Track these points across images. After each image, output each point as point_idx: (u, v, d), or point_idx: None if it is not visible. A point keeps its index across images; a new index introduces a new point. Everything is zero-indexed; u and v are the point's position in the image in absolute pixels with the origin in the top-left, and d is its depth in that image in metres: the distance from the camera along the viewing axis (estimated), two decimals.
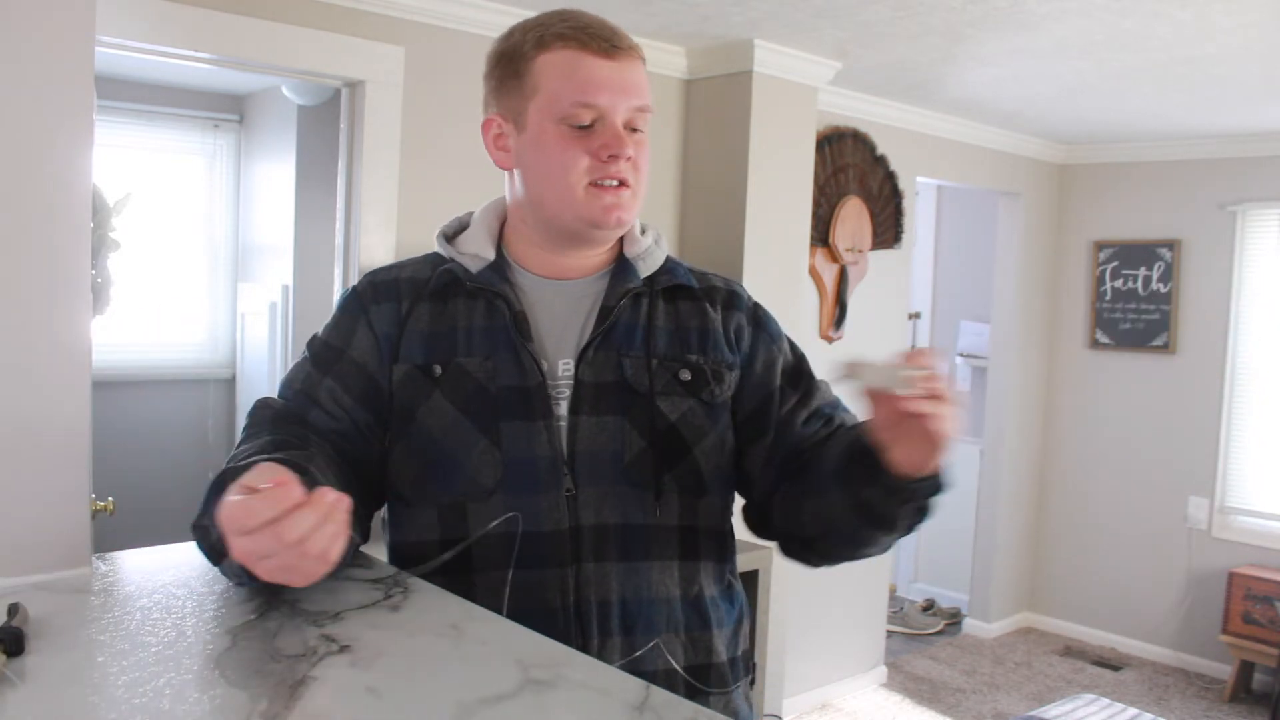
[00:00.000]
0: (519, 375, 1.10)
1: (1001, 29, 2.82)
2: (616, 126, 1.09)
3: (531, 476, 1.08)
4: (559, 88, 1.09)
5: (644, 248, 1.19)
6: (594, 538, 1.09)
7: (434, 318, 1.14)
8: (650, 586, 1.11)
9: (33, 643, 0.84)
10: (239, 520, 0.83)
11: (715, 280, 1.23)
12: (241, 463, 0.97)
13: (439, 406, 1.11)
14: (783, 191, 3.31)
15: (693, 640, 1.13)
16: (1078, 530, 4.87)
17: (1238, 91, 3.46)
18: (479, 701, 0.77)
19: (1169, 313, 4.55)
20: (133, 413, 4.11)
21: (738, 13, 2.81)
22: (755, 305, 1.24)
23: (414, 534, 1.13)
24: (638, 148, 1.11)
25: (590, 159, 1.09)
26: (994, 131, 4.39)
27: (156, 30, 2.33)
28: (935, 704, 4.06)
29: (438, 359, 1.12)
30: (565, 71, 1.09)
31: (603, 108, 1.08)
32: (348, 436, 1.12)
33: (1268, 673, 4.19)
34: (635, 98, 1.10)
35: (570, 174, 1.09)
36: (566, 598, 1.07)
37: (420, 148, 2.76)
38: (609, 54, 1.09)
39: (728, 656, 1.16)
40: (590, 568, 1.09)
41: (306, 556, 0.84)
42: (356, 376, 1.14)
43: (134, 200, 3.37)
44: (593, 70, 1.09)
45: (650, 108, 1.13)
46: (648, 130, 1.14)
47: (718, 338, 1.17)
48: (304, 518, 0.83)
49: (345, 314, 1.19)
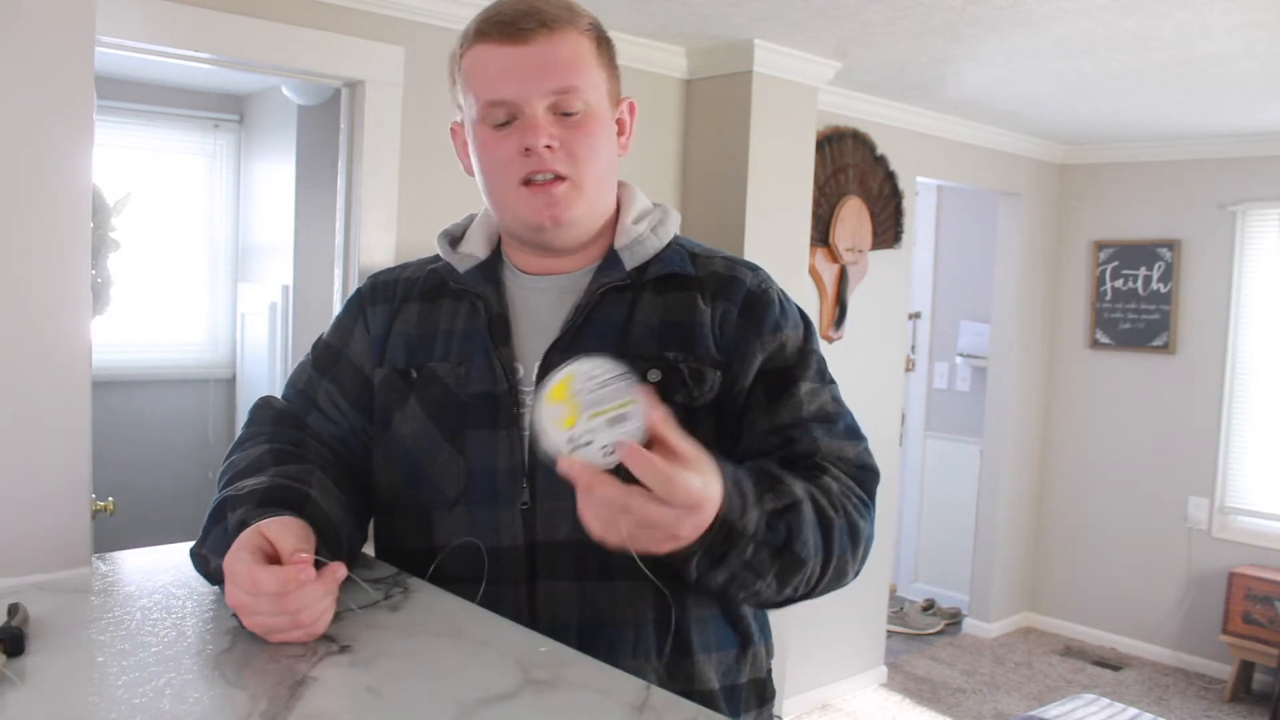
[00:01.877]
0: (490, 382, 1.05)
1: (1001, 29, 2.82)
2: (533, 116, 1.00)
3: (492, 488, 1.03)
4: (477, 88, 1.02)
5: (633, 237, 1.08)
6: (549, 554, 1.01)
7: (420, 319, 1.12)
8: (615, 609, 1.01)
9: (33, 643, 0.84)
10: (243, 583, 0.85)
11: (718, 264, 1.10)
12: (243, 491, 0.97)
13: (412, 412, 1.07)
14: (783, 191, 3.31)
15: (669, 667, 1.02)
16: (1078, 530, 4.87)
17: (1238, 91, 3.46)
18: (479, 701, 0.77)
19: (1169, 313, 4.55)
20: (133, 413, 4.11)
21: (738, 13, 2.81)
22: (760, 293, 1.08)
23: (391, 540, 1.12)
24: (572, 132, 1.01)
25: (514, 158, 1.01)
26: (994, 131, 4.39)
27: (156, 30, 2.33)
28: (935, 704, 4.06)
29: (415, 363, 1.09)
30: (478, 69, 1.02)
31: (513, 100, 1.00)
32: (345, 441, 1.12)
33: (1268, 673, 4.18)
34: (550, 79, 0.99)
35: (500, 176, 1.03)
36: (521, 616, 0.99)
37: (420, 148, 2.76)
38: (514, 39, 1.00)
39: (722, 684, 1.06)
40: (546, 585, 1.02)
41: (299, 625, 0.86)
42: (352, 379, 1.13)
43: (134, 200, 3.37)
44: (496, 62, 1.01)
45: (577, 86, 1.01)
46: (594, 110, 1.03)
47: (704, 332, 1.04)
48: (310, 594, 0.85)
49: (347, 315, 1.18)
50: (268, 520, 0.90)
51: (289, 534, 0.89)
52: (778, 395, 1.04)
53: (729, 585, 0.93)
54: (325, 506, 0.98)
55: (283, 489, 0.97)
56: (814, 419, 1.04)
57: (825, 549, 0.97)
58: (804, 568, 0.95)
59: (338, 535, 0.98)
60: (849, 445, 1.05)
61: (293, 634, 0.86)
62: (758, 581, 0.93)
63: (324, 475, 1.03)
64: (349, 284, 2.72)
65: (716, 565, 0.90)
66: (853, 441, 1.06)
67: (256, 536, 0.88)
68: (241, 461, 1.04)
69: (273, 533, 0.89)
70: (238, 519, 0.93)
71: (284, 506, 0.94)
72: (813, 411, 1.04)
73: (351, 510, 1.05)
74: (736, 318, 1.06)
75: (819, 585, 1.00)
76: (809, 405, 1.04)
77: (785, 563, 0.94)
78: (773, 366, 1.05)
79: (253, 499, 0.95)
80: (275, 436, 1.08)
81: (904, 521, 5.37)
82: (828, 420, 1.05)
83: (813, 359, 1.08)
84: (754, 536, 0.90)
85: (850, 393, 1.16)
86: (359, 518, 1.08)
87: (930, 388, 5.39)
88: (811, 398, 1.05)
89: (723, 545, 0.88)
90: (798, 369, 1.06)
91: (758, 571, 0.92)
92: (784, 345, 1.07)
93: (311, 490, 0.99)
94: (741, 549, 0.90)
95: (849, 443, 1.06)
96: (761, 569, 0.92)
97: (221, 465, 1.08)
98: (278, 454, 1.04)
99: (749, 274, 1.10)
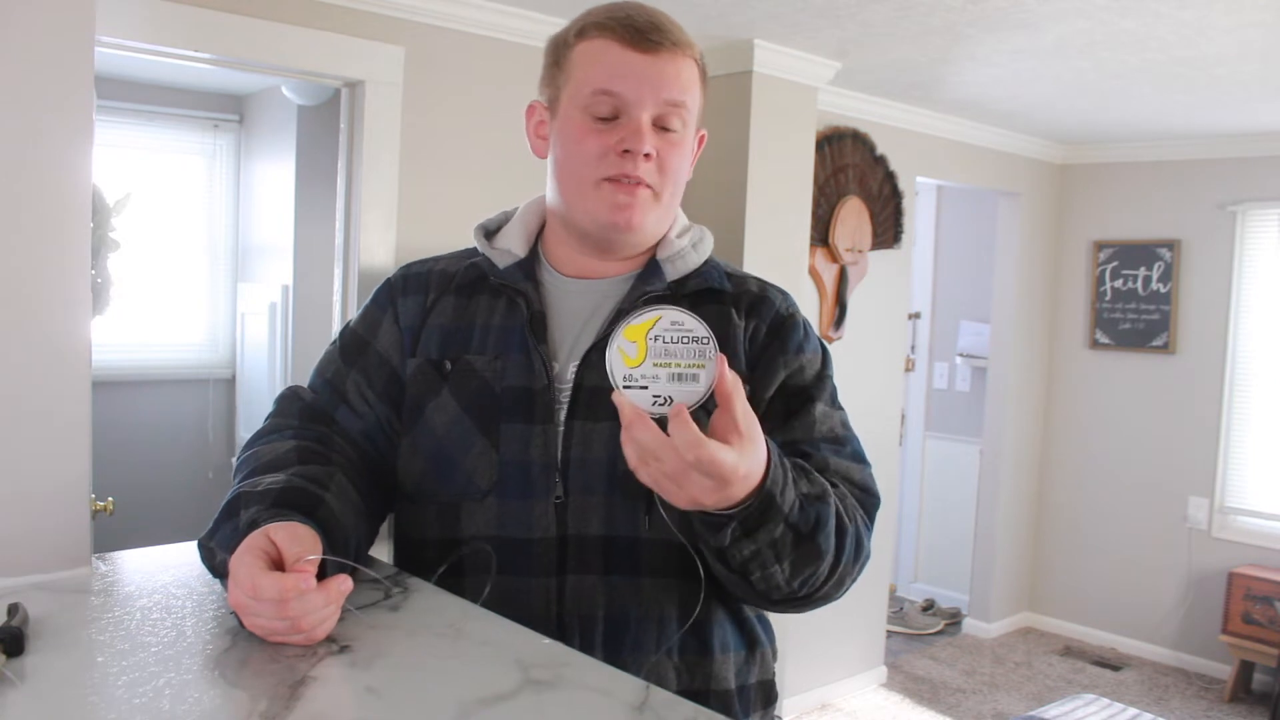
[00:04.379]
0: (527, 376, 1.07)
1: (1001, 29, 2.82)
2: (639, 121, 1.04)
3: (524, 481, 1.05)
4: (586, 75, 1.05)
5: (675, 250, 1.13)
6: (580, 548, 1.04)
7: (456, 313, 1.13)
8: (641, 604, 1.04)
9: (33, 643, 0.84)
10: (246, 586, 0.85)
11: (751, 284, 1.16)
12: (258, 488, 0.97)
13: (445, 403, 1.09)
14: (783, 191, 3.31)
15: (689, 665, 1.06)
16: (1078, 530, 4.87)
17: (1238, 91, 3.46)
18: (479, 701, 0.77)
19: (1169, 313, 4.55)
20: (133, 413, 4.12)
21: (738, 13, 2.81)
22: (787, 316, 1.14)
23: (414, 531, 1.13)
24: (668, 148, 1.06)
25: (608, 153, 1.04)
26: (994, 131, 4.39)
27: (156, 30, 2.33)
28: (935, 704, 4.06)
29: (450, 354, 1.11)
30: (594, 59, 1.06)
31: (625, 99, 1.04)
32: (371, 435, 1.12)
33: (1268, 673, 4.19)
34: (666, 91, 1.05)
35: (585, 166, 1.06)
36: (550, 609, 1.03)
37: (420, 148, 2.76)
38: (642, 46, 1.04)
39: (736, 684, 1.09)
40: (575, 580, 1.04)
41: (298, 631, 0.86)
42: (380, 370, 1.14)
43: (134, 200, 3.38)
44: (620, 60, 1.04)
45: (685, 104, 1.06)
46: (688, 132, 1.09)
47: (736, 344, 1.09)
48: (311, 601, 0.85)
49: (375, 305, 1.18)
50: (276, 524, 0.90)
51: (295, 540, 0.89)
52: (793, 412, 1.09)
53: (750, 561, 0.94)
54: (338, 511, 0.99)
55: (298, 491, 0.97)
56: (824, 439, 1.09)
57: (837, 550, 0.99)
58: (820, 561, 0.97)
59: (346, 541, 0.99)
60: (855, 468, 1.09)
61: (293, 638, 0.86)
62: (775, 564, 0.95)
63: (344, 478, 1.03)
64: (349, 284, 2.72)
65: (746, 537, 0.92)
66: (859, 465, 1.10)
67: (263, 540, 0.88)
68: (265, 455, 1.04)
69: (279, 538, 0.89)
70: (249, 518, 0.93)
71: (297, 509, 0.95)
72: (824, 432, 1.09)
73: (366, 515, 1.06)
74: (764, 336, 1.12)
75: (821, 588, 1.01)
76: (821, 426, 1.09)
77: (805, 551, 0.96)
78: (792, 384, 1.11)
79: (266, 499, 0.95)
80: (302, 432, 1.09)
81: (904, 521, 5.37)
82: (837, 442, 1.10)
83: (828, 384, 1.14)
84: (786, 516, 0.93)
85: (850, 393, 1.18)
86: (372, 521, 1.09)
87: (930, 388, 5.39)
88: (824, 419, 1.10)
89: (758, 518, 0.91)
90: (814, 390, 1.11)
91: (778, 554, 0.94)
92: (804, 367, 1.12)
93: (327, 494, 0.99)
94: (772, 527, 0.92)
95: (855, 466, 1.09)
96: (782, 552, 0.94)
97: (242, 453, 1.08)
98: (302, 451, 1.04)
99: (779, 297, 1.16)
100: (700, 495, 0.86)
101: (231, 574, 0.87)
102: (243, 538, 0.90)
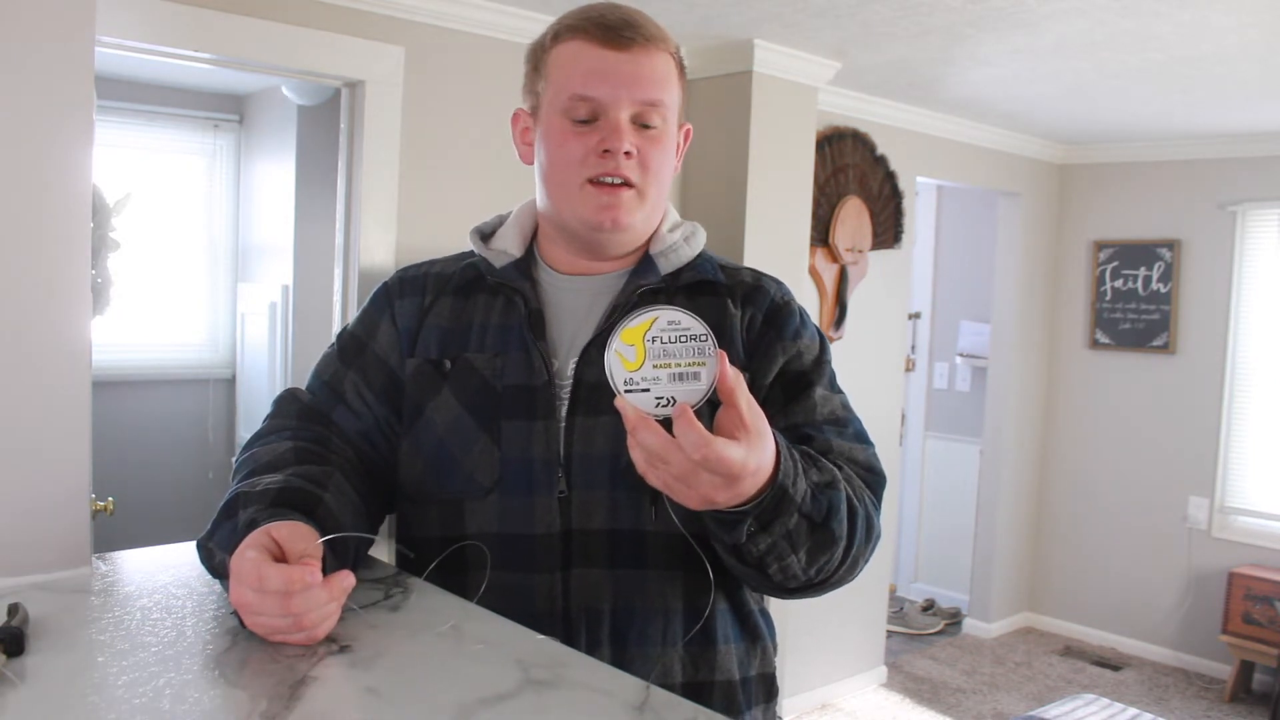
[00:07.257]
0: (527, 374, 1.08)
1: (1001, 29, 2.82)
2: (617, 120, 1.05)
3: (527, 478, 1.06)
4: (563, 80, 1.06)
5: (668, 244, 1.14)
6: (584, 542, 1.05)
7: (454, 313, 1.14)
8: (646, 596, 1.05)
9: (33, 643, 0.84)
10: (248, 580, 0.85)
11: (745, 275, 1.17)
12: (257, 489, 0.97)
13: (446, 402, 1.10)
14: (783, 191, 3.31)
15: (693, 656, 1.07)
16: (1078, 530, 4.87)
17: (1238, 91, 3.46)
18: (479, 701, 0.77)
19: (1169, 313, 4.55)
20: (133, 413, 4.12)
21: (737, 13, 2.81)
22: (782, 304, 1.14)
23: (417, 530, 1.13)
24: (648, 144, 1.07)
25: (589, 155, 1.05)
26: (994, 131, 4.39)
27: (156, 30, 2.33)
28: (935, 704, 4.06)
29: (450, 354, 1.12)
30: (570, 62, 1.06)
31: (601, 100, 1.05)
32: (369, 436, 1.13)
33: (1268, 673, 4.19)
34: (642, 90, 1.05)
35: (568, 169, 1.07)
36: (555, 603, 1.04)
37: (420, 148, 2.76)
38: (616, 44, 1.05)
39: (740, 676, 1.11)
40: (580, 574, 1.05)
41: (301, 628, 0.85)
42: (378, 370, 1.14)
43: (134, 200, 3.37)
44: (594, 61, 1.05)
45: (663, 102, 1.07)
46: (668, 127, 1.09)
47: (733, 335, 1.10)
48: (315, 597, 0.85)
49: (373, 307, 1.19)
50: (277, 523, 0.91)
51: (298, 537, 0.89)
52: (793, 397, 1.10)
53: (767, 555, 0.94)
54: (337, 511, 0.99)
55: (297, 491, 0.97)
56: (826, 421, 1.09)
57: (850, 534, 1.00)
58: (834, 547, 0.98)
59: (345, 542, 0.99)
60: (859, 448, 1.09)
61: (294, 636, 0.86)
62: (792, 555, 0.95)
63: (342, 478, 1.04)
64: (349, 284, 2.72)
65: (762, 531, 0.92)
66: (862, 445, 1.10)
67: (265, 537, 0.88)
68: (263, 456, 1.04)
69: (281, 535, 0.89)
70: (248, 517, 0.93)
71: (296, 509, 0.95)
72: (825, 414, 1.10)
73: (365, 515, 1.06)
74: (761, 324, 1.12)
75: (836, 572, 1.02)
76: (822, 408, 1.10)
77: (820, 539, 0.96)
78: (791, 370, 1.11)
79: (265, 498, 0.95)
80: (300, 432, 1.09)
81: (904, 521, 5.37)
82: (839, 424, 1.10)
83: (826, 369, 1.14)
84: (800, 507, 0.93)
85: (850, 393, 1.18)
86: (371, 521, 1.09)
87: (930, 388, 5.39)
88: (824, 402, 1.11)
89: (773, 511, 0.91)
90: (813, 375, 1.12)
91: (794, 544, 0.95)
92: (802, 353, 1.12)
93: (326, 494, 0.99)
94: (787, 518, 0.92)
95: (859, 446, 1.10)
96: (798, 542, 0.95)
97: (240, 455, 1.08)
98: (300, 452, 1.04)
99: (774, 285, 1.17)
100: (711, 494, 0.85)
101: (234, 570, 0.87)
102: (242, 537, 0.90)
